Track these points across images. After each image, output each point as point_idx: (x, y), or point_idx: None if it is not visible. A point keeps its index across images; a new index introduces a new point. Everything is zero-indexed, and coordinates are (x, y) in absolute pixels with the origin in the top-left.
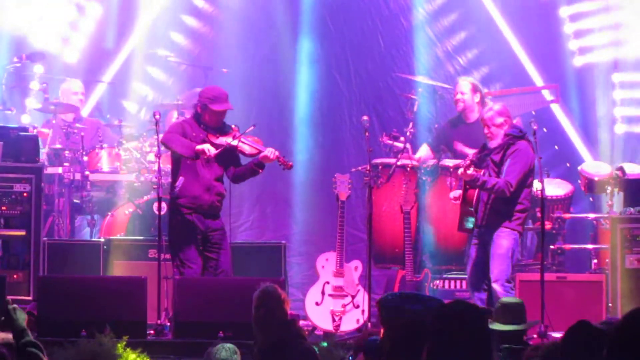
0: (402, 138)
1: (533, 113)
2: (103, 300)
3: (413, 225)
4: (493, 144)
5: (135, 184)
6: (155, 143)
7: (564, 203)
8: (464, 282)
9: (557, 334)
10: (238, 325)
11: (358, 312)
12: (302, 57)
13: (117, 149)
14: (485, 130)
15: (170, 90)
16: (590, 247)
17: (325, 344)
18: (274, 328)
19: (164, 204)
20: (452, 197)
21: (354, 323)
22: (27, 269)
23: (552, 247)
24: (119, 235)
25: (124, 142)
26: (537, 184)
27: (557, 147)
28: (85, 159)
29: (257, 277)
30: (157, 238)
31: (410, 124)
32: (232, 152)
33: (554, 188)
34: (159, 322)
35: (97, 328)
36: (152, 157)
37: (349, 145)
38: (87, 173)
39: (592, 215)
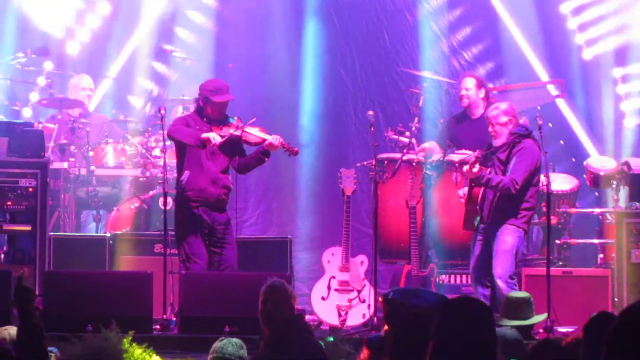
0: (407, 133)
1: (538, 108)
2: (109, 295)
3: (419, 220)
4: (497, 143)
5: (141, 179)
6: (161, 138)
7: (570, 198)
8: (470, 277)
9: (562, 329)
10: (244, 320)
11: (364, 306)
12: (307, 52)
13: (122, 144)
14: (490, 129)
15: (175, 86)
16: (596, 241)
17: (332, 339)
18: (281, 323)
19: (170, 199)
20: (461, 194)
21: (360, 318)
22: (32, 264)
23: (558, 241)
24: (125, 230)
25: (129, 137)
26: (542, 179)
27: (562, 142)
28: (91, 154)
29: (263, 272)
30: (162, 233)
31: (416, 119)
32: (236, 142)
33: (560, 183)
34: (165, 317)
35: (103, 323)
36: (157, 152)
37: (355, 140)
38: (92, 168)
39: (597, 210)
